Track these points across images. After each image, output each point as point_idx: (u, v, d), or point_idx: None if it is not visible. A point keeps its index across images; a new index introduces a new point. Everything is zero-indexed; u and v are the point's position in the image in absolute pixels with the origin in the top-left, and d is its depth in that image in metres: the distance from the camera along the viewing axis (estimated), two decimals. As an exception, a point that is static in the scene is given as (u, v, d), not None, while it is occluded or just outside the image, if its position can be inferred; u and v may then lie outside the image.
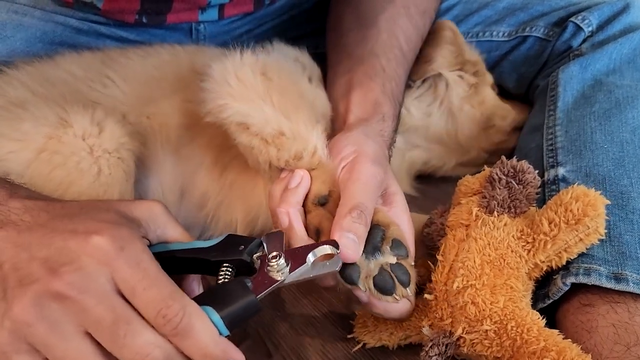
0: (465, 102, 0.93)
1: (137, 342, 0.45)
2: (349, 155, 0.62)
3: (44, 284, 0.45)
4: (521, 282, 0.57)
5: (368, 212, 0.57)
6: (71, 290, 0.45)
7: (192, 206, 0.78)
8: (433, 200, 0.90)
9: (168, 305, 0.45)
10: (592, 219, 0.55)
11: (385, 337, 0.62)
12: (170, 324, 0.45)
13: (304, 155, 0.62)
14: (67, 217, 0.51)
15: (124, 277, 0.46)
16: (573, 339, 0.57)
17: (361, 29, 0.82)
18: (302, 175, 0.61)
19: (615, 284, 0.58)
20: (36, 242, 0.48)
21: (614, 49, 0.84)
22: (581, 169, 0.70)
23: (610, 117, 0.74)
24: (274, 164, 0.64)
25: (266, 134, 0.62)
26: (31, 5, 0.87)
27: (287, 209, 0.59)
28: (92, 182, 0.65)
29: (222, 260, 0.54)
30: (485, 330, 0.54)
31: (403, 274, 0.57)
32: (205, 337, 0.46)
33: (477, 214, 0.61)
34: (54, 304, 0.45)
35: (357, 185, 0.59)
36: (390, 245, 0.57)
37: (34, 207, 0.52)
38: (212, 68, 0.66)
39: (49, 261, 0.46)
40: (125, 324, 0.45)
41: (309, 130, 0.63)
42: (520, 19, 0.98)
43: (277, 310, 0.71)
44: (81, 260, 0.46)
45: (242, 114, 0.62)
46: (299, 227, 0.59)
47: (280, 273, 0.52)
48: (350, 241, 0.54)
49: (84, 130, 0.66)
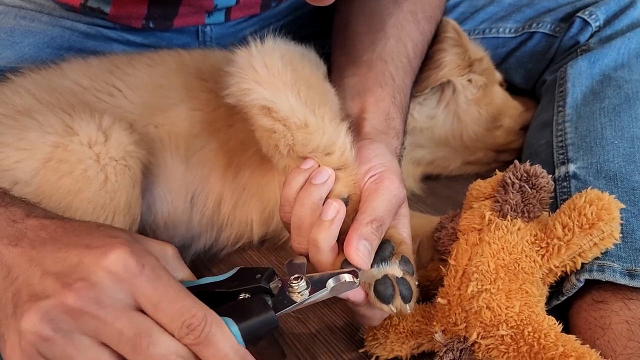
0: (473, 104, 0.93)
1: (159, 352, 0.45)
2: (378, 167, 0.61)
3: (57, 299, 0.45)
4: (536, 287, 0.57)
5: (385, 227, 0.58)
6: (88, 305, 0.45)
7: (206, 212, 0.78)
8: (443, 199, 0.91)
9: (192, 315, 0.46)
10: (606, 223, 0.55)
11: (397, 347, 0.63)
12: (194, 333, 0.45)
13: (335, 151, 0.60)
14: (84, 233, 0.51)
15: (146, 293, 0.47)
16: (586, 335, 0.58)
17: (369, 33, 0.82)
18: (330, 174, 0.60)
19: (629, 280, 0.58)
20: (50, 257, 0.48)
21: (622, 44, 0.84)
22: (592, 165, 0.70)
23: (620, 112, 0.74)
24: (297, 151, 0.61)
25: (290, 123, 0.60)
26: (39, 11, 0.87)
27: (340, 204, 0.57)
28: (99, 190, 0.65)
29: (240, 289, 0.54)
30: (501, 336, 0.54)
31: (406, 289, 0.56)
32: (225, 346, 0.47)
33: (490, 218, 0.61)
34: (67, 318, 0.45)
35: (382, 200, 0.58)
36: (399, 260, 0.58)
37: (51, 224, 0.52)
38: (237, 54, 0.65)
39: (63, 276, 0.46)
40: (148, 335, 0.45)
41: (334, 128, 0.61)
42: (527, 15, 0.97)
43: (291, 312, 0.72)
44: (96, 275, 0.46)
45: (266, 98, 0.60)
46: (338, 227, 0.57)
47: (300, 295, 0.53)
48: (365, 249, 0.55)
49: (89, 138, 0.66)
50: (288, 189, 0.60)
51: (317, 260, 0.57)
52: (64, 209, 0.62)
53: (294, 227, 0.59)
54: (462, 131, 0.93)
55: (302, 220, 0.58)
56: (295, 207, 0.59)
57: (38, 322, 0.45)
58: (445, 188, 0.96)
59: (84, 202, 0.64)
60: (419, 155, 0.95)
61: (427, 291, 0.67)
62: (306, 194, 0.59)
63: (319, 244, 0.56)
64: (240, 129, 0.76)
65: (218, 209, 0.78)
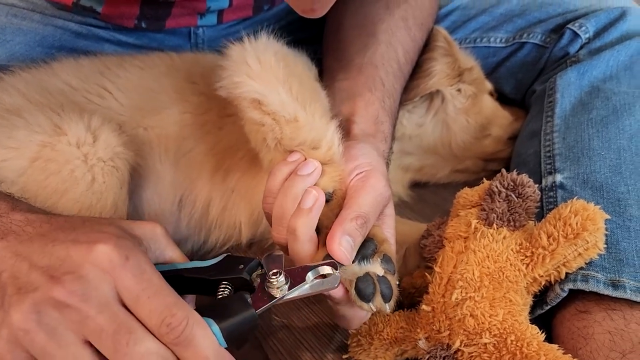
0: (461, 113, 0.93)
1: (139, 351, 0.45)
2: (364, 166, 0.62)
3: (44, 292, 0.45)
4: (520, 296, 0.57)
5: (369, 225, 0.58)
6: (72, 299, 0.45)
7: (194, 214, 0.78)
8: (431, 207, 0.91)
9: (172, 314, 0.46)
10: (591, 233, 0.55)
11: (381, 353, 0.63)
12: (174, 332, 0.45)
13: (322, 145, 0.61)
14: (70, 228, 0.51)
15: (127, 286, 0.47)
16: (569, 345, 0.58)
17: (360, 38, 0.82)
18: (317, 166, 0.60)
19: (612, 290, 0.59)
20: (37, 251, 0.48)
21: (611, 56, 0.84)
22: (579, 175, 0.70)
23: (608, 124, 0.74)
24: (285, 144, 0.61)
25: (280, 117, 0.60)
26: (31, 9, 0.86)
27: (319, 192, 0.57)
28: (86, 190, 0.65)
29: (221, 278, 0.54)
30: (484, 344, 0.54)
31: (387, 288, 0.56)
32: (206, 347, 0.47)
33: (476, 227, 0.61)
34: (53, 312, 0.45)
35: (368, 197, 0.59)
36: (381, 258, 0.57)
37: (36, 219, 0.52)
38: (230, 48, 0.65)
39: (50, 269, 0.47)
40: (128, 332, 0.45)
41: (324, 124, 0.62)
42: (518, 25, 0.98)
43: (275, 315, 0.72)
44: (83, 268, 0.46)
45: (257, 91, 0.61)
46: (317, 215, 0.57)
47: (280, 290, 0.53)
48: (348, 244, 0.55)
49: (78, 138, 0.65)
50: (272, 180, 0.61)
51: (296, 250, 0.57)
52: (49, 209, 0.62)
53: (276, 217, 0.59)
54: (451, 139, 0.94)
55: (284, 210, 0.58)
56: (279, 197, 0.59)
57: (24, 314, 0.45)
58: (434, 195, 0.96)
59: (70, 203, 0.64)
60: (408, 162, 0.95)
61: (412, 298, 0.68)
62: (290, 185, 0.59)
63: (297, 231, 0.56)
64: (230, 131, 0.76)
65: (207, 212, 0.78)
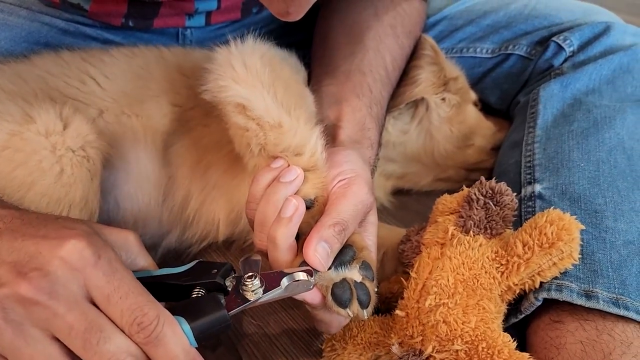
0: (445, 122, 0.94)
1: (109, 349, 0.45)
2: (347, 172, 0.62)
3: (10, 288, 0.45)
4: (494, 303, 0.57)
5: (348, 232, 0.58)
6: (39, 295, 0.45)
7: (174, 207, 0.78)
8: (414, 214, 0.91)
9: (144, 313, 0.46)
10: (566, 243, 0.56)
11: (355, 358, 0.62)
12: (145, 331, 0.45)
13: (305, 152, 0.61)
14: (41, 224, 0.50)
15: (98, 284, 0.46)
16: (542, 354, 0.59)
17: (349, 44, 0.83)
18: (299, 174, 0.60)
19: (585, 300, 0.59)
20: (6, 246, 0.48)
21: (594, 70, 0.85)
22: (557, 186, 0.71)
23: (588, 136, 0.75)
24: (268, 150, 0.61)
25: (264, 122, 0.60)
26: (18, 5, 0.86)
27: (300, 201, 0.57)
28: (54, 183, 0.63)
29: (194, 283, 0.54)
30: (456, 350, 0.54)
31: (364, 294, 0.56)
32: (176, 346, 0.47)
33: (453, 233, 0.61)
34: (19, 308, 0.45)
35: (348, 204, 0.59)
36: (359, 265, 0.57)
37: (7, 214, 0.51)
38: (217, 51, 0.65)
39: (18, 265, 0.46)
40: (98, 331, 0.45)
41: (307, 130, 0.61)
42: (504, 37, 0.99)
43: (251, 318, 0.72)
44: (51, 264, 0.46)
45: (242, 96, 0.60)
46: (297, 224, 0.57)
47: (254, 293, 0.53)
48: (324, 251, 0.55)
49: (47, 126, 0.63)
50: (256, 185, 0.61)
51: (275, 258, 0.57)
52: (16, 203, 0.60)
53: (257, 224, 0.59)
54: (434, 148, 0.94)
55: (266, 216, 0.58)
56: (261, 203, 0.59)
57: None
58: (416, 203, 0.96)
59: (38, 196, 0.62)
60: (391, 169, 0.96)
61: (389, 303, 0.68)
62: (273, 191, 0.59)
63: (277, 240, 0.56)
64: (217, 129, 0.75)
65: (186, 206, 0.78)
